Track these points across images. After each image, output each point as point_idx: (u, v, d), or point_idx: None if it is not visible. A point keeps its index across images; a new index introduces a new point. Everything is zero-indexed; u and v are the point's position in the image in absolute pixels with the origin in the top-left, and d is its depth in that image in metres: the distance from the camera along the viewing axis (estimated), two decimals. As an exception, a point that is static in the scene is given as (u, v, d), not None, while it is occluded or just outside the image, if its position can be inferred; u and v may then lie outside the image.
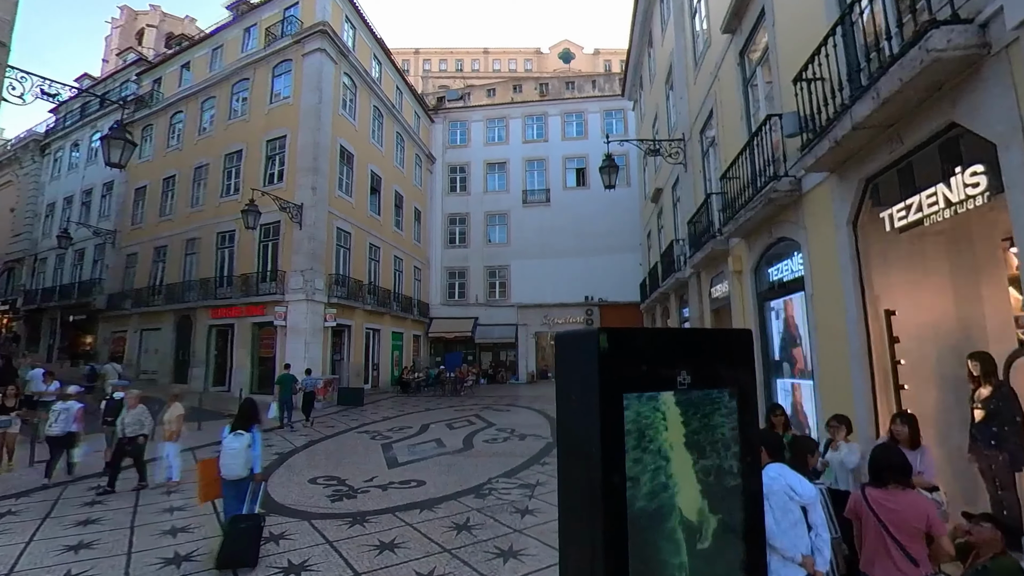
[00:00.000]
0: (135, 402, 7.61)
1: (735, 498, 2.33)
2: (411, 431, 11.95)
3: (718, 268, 9.76)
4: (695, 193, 11.52)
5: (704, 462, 2.25)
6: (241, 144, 19.91)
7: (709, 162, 10.53)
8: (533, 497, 6.72)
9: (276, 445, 10.38)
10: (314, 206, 17.41)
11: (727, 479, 2.32)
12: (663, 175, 16.00)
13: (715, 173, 10.19)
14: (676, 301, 14.38)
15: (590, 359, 2.08)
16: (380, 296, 22.02)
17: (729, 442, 2.34)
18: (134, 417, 7.48)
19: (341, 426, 12.91)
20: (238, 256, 19.05)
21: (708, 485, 2.27)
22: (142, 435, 7.46)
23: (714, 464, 2.32)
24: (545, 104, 30.63)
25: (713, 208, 9.32)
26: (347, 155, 20.18)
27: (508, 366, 28.32)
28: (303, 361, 16.44)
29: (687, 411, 2.29)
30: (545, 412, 15.18)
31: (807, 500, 3.01)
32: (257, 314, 17.96)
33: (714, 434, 2.44)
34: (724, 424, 2.39)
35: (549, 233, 28.49)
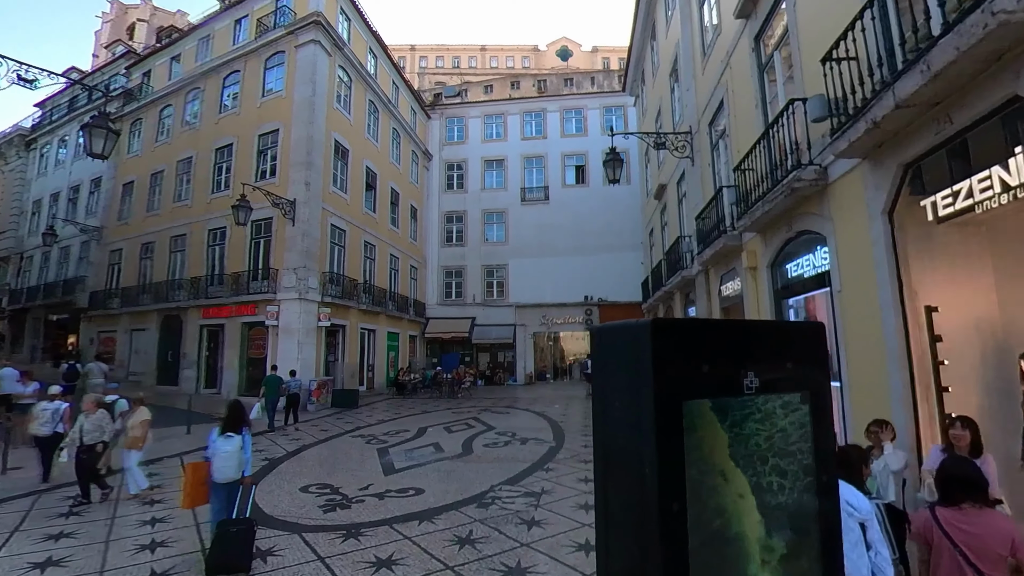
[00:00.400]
0: (93, 407, 7.00)
1: (809, 522, 1.97)
2: (408, 435, 11.55)
3: (729, 265, 9.42)
4: (703, 187, 11.18)
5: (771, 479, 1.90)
6: (232, 138, 19.46)
7: (719, 155, 10.19)
8: (539, 507, 6.35)
9: (266, 450, 9.97)
10: (307, 202, 16.98)
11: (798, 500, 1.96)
12: (667, 170, 15.66)
13: (725, 166, 9.85)
14: (681, 300, 14.04)
15: (640, 358, 1.69)
16: (375, 295, 21.60)
17: (801, 457, 1.97)
18: (93, 423, 6.86)
19: (335, 429, 12.50)
20: (229, 254, 18.61)
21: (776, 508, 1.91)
22: (101, 443, 6.87)
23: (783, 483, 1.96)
24: (544, 100, 30.29)
25: (724, 202, 8.98)
26: (342, 150, 19.77)
27: (506, 367, 27.95)
28: (296, 363, 16.04)
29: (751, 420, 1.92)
30: (545, 414, 14.82)
31: (865, 516, 2.66)
32: (248, 314, 17.52)
33: (783, 447, 2.07)
34: (794, 435, 2.02)
35: (548, 231, 28.15)
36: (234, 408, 5.16)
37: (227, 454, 4.90)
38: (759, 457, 1.96)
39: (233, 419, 5.04)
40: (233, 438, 4.93)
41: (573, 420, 13.70)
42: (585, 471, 8.00)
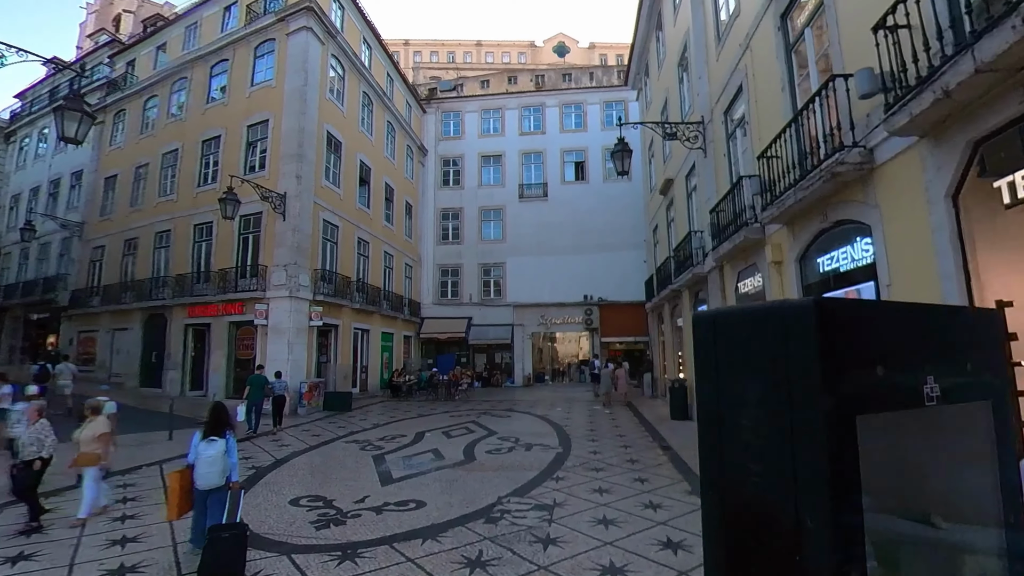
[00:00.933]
0: (36, 416, 6.11)
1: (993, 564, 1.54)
2: (405, 440, 11.01)
3: (748, 260, 8.97)
4: (718, 179, 10.73)
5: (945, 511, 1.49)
6: (220, 129, 18.83)
7: (736, 144, 9.74)
8: (553, 522, 5.84)
9: (253, 457, 9.40)
10: (298, 196, 16.40)
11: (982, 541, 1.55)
12: (674, 164, 15.22)
13: (743, 155, 9.40)
14: (690, 299, 13.59)
15: (796, 358, 1.20)
16: (369, 294, 21.03)
17: (983, 487, 1.51)
18: (32, 436, 5.92)
19: (327, 434, 11.93)
20: (216, 250, 17.98)
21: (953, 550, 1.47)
22: (39, 459, 5.86)
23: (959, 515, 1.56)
24: (542, 95, 29.82)
25: (745, 193, 8.52)
26: (335, 143, 19.19)
27: (503, 368, 27.44)
28: (286, 363, 15.48)
29: (921, 438, 1.54)
30: (548, 418, 14.32)
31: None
32: (236, 312, 16.92)
33: (962, 475, 1.63)
34: (975, 455, 1.59)
35: (546, 229, 27.67)
36: (216, 411, 5.02)
37: (210, 459, 4.74)
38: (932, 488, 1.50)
39: (215, 422, 4.91)
40: (216, 442, 4.77)
41: (578, 424, 13.21)
42: (599, 481, 7.51)
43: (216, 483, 4.74)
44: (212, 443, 4.78)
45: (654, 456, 9.26)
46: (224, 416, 4.97)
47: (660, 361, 19.22)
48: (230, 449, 4.88)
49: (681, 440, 10.61)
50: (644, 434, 11.67)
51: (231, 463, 4.84)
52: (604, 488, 7.15)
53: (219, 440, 4.80)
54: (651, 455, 9.35)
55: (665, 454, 9.39)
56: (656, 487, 7.19)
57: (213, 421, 4.93)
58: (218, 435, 4.82)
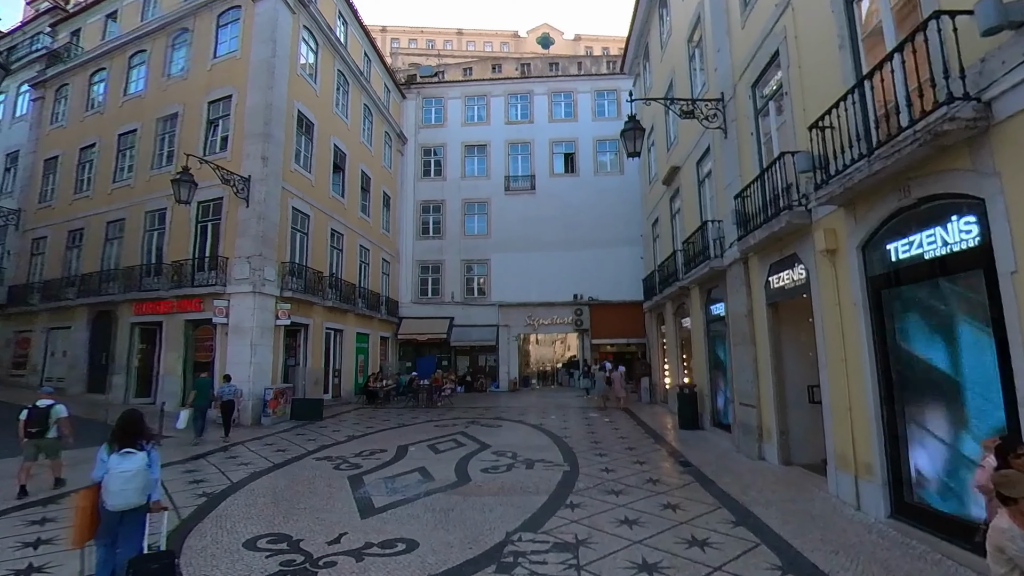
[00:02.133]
0: None
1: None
2: (386, 456, 9.79)
3: (785, 250, 8.03)
4: (742, 162, 9.80)
5: None
6: (178, 106, 17.29)
7: (768, 120, 8.80)
8: (582, 568, 4.75)
9: (205, 481, 8.08)
10: (264, 179, 15.00)
11: None
12: (680, 150, 14.32)
13: (779, 131, 8.48)
14: (701, 296, 12.67)
15: None
16: (343, 291, 19.69)
17: None
18: None
19: (295, 449, 10.63)
20: (171, 240, 16.44)
21: None
22: None
23: None
24: (530, 82, 28.82)
25: (784, 173, 7.57)
26: (306, 123, 17.81)
27: (487, 372, 26.28)
28: (249, 367, 14.12)
29: None
30: (543, 428, 13.25)
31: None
32: (192, 310, 15.44)
33: None
34: None
35: (534, 224, 26.66)
36: (128, 418, 4.39)
37: (127, 474, 4.12)
38: None
39: (126, 431, 4.29)
40: (133, 455, 4.19)
41: (578, 434, 12.17)
42: (622, 509, 6.44)
43: (135, 502, 4.16)
44: (128, 456, 4.19)
45: (675, 474, 8.25)
46: (137, 425, 4.36)
47: (659, 365, 18.34)
48: (152, 462, 4.32)
49: (700, 454, 9.65)
50: (655, 446, 10.68)
51: (153, 479, 4.30)
52: (631, 518, 6.09)
53: (138, 453, 4.21)
54: (671, 473, 8.35)
55: (687, 472, 8.40)
56: (692, 516, 6.17)
57: (121, 431, 4.30)
58: (135, 446, 4.24)
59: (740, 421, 9.85)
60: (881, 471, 5.80)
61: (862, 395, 6.12)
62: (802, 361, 8.58)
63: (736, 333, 10.01)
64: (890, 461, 5.75)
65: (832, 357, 6.80)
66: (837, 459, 6.70)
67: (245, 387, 13.99)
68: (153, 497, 4.34)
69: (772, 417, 8.65)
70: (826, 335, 6.97)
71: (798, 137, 7.57)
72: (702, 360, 12.67)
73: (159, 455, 4.57)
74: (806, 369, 8.56)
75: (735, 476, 8.02)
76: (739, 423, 9.84)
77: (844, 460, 6.54)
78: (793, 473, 8.06)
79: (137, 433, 4.33)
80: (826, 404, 7.01)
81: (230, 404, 12.19)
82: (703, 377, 12.60)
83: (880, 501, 5.79)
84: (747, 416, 9.52)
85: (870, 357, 5.95)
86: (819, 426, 8.44)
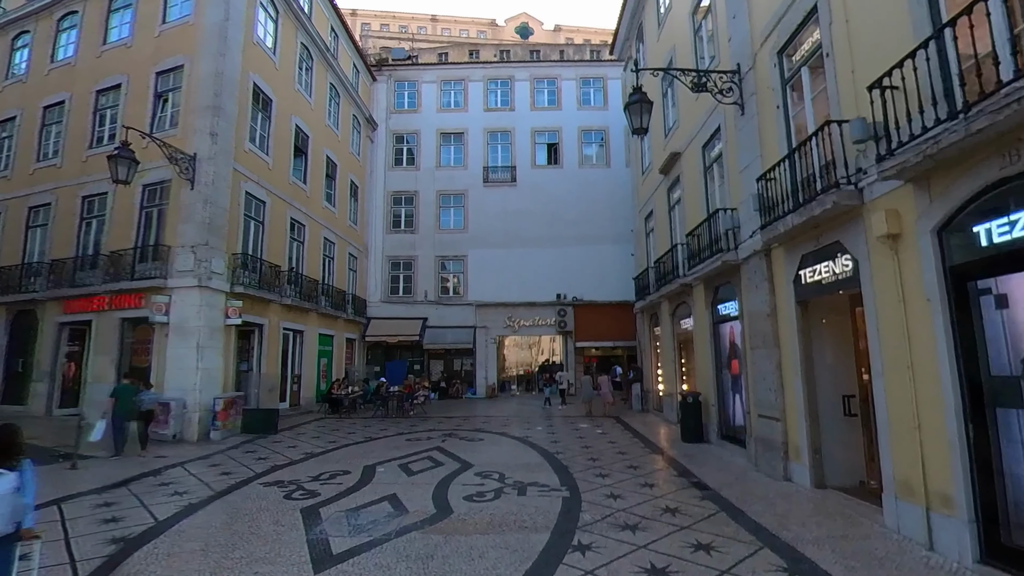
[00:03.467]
0: None
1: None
2: (349, 480, 8.49)
3: (824, 237, 7.06)
4: (763, 140, 8.85)
5: None
6: (121, 77, 15.59)
7: (803, 89, 7.83)
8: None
9: (125, 518, 6.67)
10: (213, 158, 13.50)
11: None
12: (682, 134, 13.38)
13: (816, 100, 7.52)
14: (706, 294, 11.71)
15: None
16: (304, 288, 18.21)
17: None
18: None
19: (241, 471, 9.22)
20: (112, 229, 14.77)
21: None
22: None
23: None
24: (511, 67, 27.74)
25: (828, 147, 6.59)
26: (263, 99, 16.31)
27: (463, 377, 25.02)
28: (195, 373, 12.68)
29: None
30: (530, 441, 12.12)
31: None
32: (130, 306, 13.84)
33: None
34: None
35: (514, 218, 25.59)
36: (4, 433, 3.87)
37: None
38: None
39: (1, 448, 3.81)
40: (4, 476, 3.73)
41: (570, 449, 11.06)
42: (646, 552, 5.33)
43: (1, 530, 3.69)
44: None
45: (694, 501, 7.19)
46: (13, 440, 3.86)
47: (652, 370, 17.40)
48: (25, 484, 3.85)
49: (715, 474, 8.63)
50: (660, 464, 9.64)
51: (26, 503, 3.86)
52: (659, 566, 4.99)
53: (8, 473, 3.75)
54: (689, 499, 7.28)
55: (706, 497, 7.36)
56: (733, 561, 5.09)
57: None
58: (7, 466, 3.77)
59: (759, 436, 8.88)
60: (966, 505, 4.82)
61: (937, 410, 5.15)
62: (837, 367, 7.64)
63: (754, 335, 9.04)
64: (979, 493, 4.78)
65: (892, 363, 5.83)
66: (898, 487, 5.72)
67: (191, 397, 12.54)
68: (25, 524, 3.88)
69: (802, 432, 7.68)
70: (883, 337, 5.99)
71: (843, 105, 6.61)
72: (707, 365, 11.71)
73: (34, 475, 3.98)
74: (841, 376, 7.64)
75: (765, 503, 7.01)
76: (757, 438, 8.87)
77: (908, 488, 5.56)
78: (831, 499, 7.09)
79: (11, 450, 3.84)
80: (882, 419, 6.03)
81: (149, 414, 11.29)
82: (708, 384, 11.64)
83: (966, 542, 4.81)
84: (768, 430, 8.55)
85: (950, 364, 4.98)
86: (856, 442, 7.55)
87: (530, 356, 33.34)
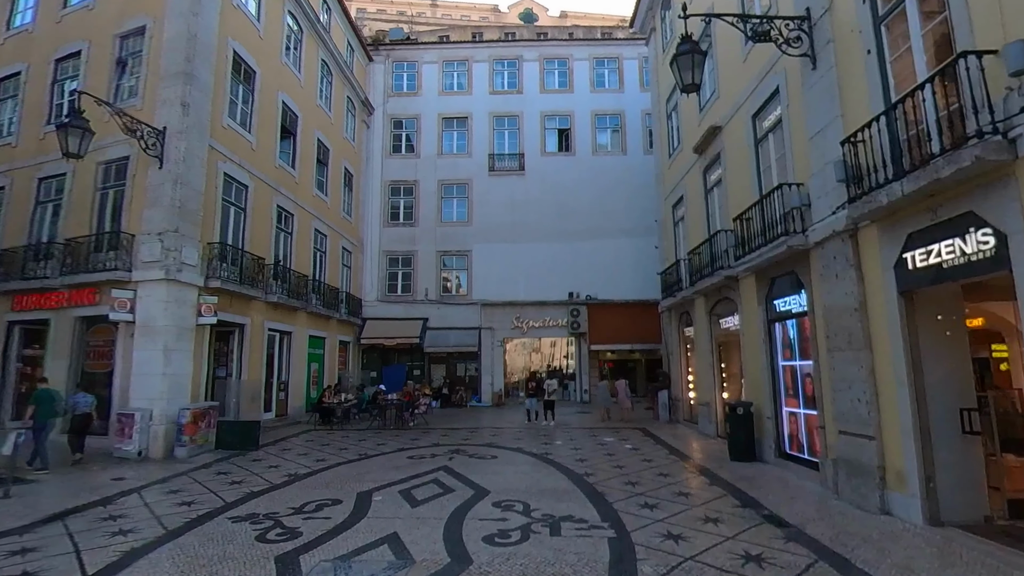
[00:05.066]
0: None
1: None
2: (339, 513, 7.10)
3: (945, 209, 5.70)
4: (844, 97, 7.49)
5: None
6: (81, 43, 14.25)
7: (907, 24, 6.46)
8: None
9: (50, 569, 5.29)
10: (184, 132, 12.14)
11: None
12: (724, 105, 12.05)
13: (926, 37, 6.16)
14: (758, 289, 10.34)
15: None
16: (293, 284, 16.84)
17: None
18: None
19: (208, 502, 7.83)
20: (68, 214, 13.42)
21: None
22: None
23: None
24: (519, 46, 26.40)
25: (969, 86, 5.21)
26: (245, 69, 14.98)
27: (468, 383, 23.63)
28: (161, 379, 11.30)
29: None
30: (550, 458, 10.75)
31: None
32: (87, 303, 12.51)
33: None
34: None
35: (523, 210, 24.25)
36: None
37: None
38: None
39: None
40: None
41: (600, 468, 9.69)
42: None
43: None
44: None
45: (778, 543, 5.79)
46: None
47: (682, 376, 16.02)
48: None
49: (789, 505, 7.24)
50: (713, 489, 8.25)
51: None
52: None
53: None
54: (772, 541, 5.88)
55: (789, 537, 5.97)
56: (875, 649, 3.71)
57: None
58: None
59: (841, 456, 7.50)
60: None
61: None
62: (953, 373, 6.28)
63: (834, 334, 7.67)
64: None
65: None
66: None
67: (156, 406, 11.16)
68: None
69: (908, 454, 6.30)
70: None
71: (978, 32, 5.26)
72: (759, 370, 10.34)
73: None
74: (958, 385, 6.27)
75: (872, 547, 5.62)
76: (841, 460, 7.49)
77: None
78: (956, 541, 5.70)
79: None
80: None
81: (86, 418, 10.58)
82: (761, 392, 10.27)
83: None
84: (855, 450, 7.17)
85: None
86: (977, 467, 6.19)
87: (528, 361, 31.80)
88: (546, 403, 16.33)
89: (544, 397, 16.46)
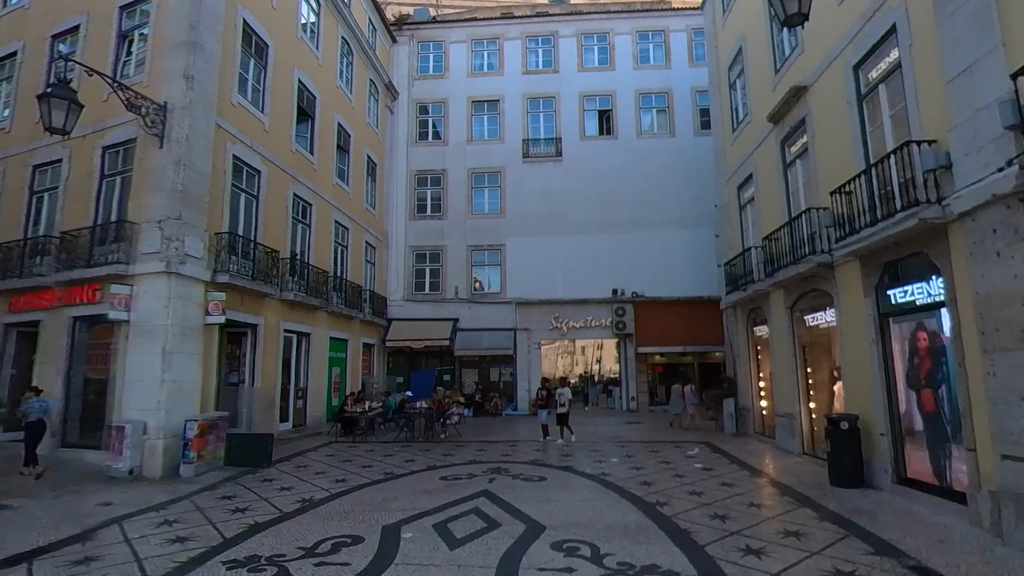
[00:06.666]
0: None
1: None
2: (358, 558, 5.83)
3: None
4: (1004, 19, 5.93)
5: None
6: (80, 17, 13.47)
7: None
8: None
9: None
10: (188, 107, 11.15)
11: None
12: (811, 60, 10.49)
13: None
14: (864, 277, 8.77)
15: None
16: (312, 280, 15.81)
17: None
18: None
19: (202, 536, 6.67)
20: (65, 204, 12.63)
21: None
22: None
23: None
24: (554, 21, 25.04)
25: None
26: (257, 43, 14.01)
27: (502, 389, 22.34)
28: (160, 386, 10.25)
29: None
30: (609, 480, 9.37)
31: None
32: (85, 301, 11.64)
33: None
34: None
35: (560, 200, 22.92)
36: None
37: None
38: None
39: None
40: None
41: (673, 495, 8.27)
42: None
43: None
44: None
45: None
46: None
47: (751, 383, 14.41)
48: None
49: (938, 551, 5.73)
50: (827, 526, 6.72)
51: None
52: None
53: None
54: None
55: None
56: None
57: None
58: None
59: (1006, 489, 5.93)
60: None
61: None
62: None
63: (999, 330, 6.09)
64: None
65: None
66: None
67: (152, 417, 10.15)
68: None
69: None
70: None
71: None
72: (868, 376, 8.76)
73: None
74: None
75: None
76: (1007, 493, 5.91)
77: None
78: None
79: None
80: None
81: (38, 425, 9.89)
82: (870, 404, 8.68)
83: None
84: (1032, 483, 5.60)
85: None
86: None
87: (558, 366, 30.27)
88: (559, 416, 13.97)
89: (555, 409, 14.06)
